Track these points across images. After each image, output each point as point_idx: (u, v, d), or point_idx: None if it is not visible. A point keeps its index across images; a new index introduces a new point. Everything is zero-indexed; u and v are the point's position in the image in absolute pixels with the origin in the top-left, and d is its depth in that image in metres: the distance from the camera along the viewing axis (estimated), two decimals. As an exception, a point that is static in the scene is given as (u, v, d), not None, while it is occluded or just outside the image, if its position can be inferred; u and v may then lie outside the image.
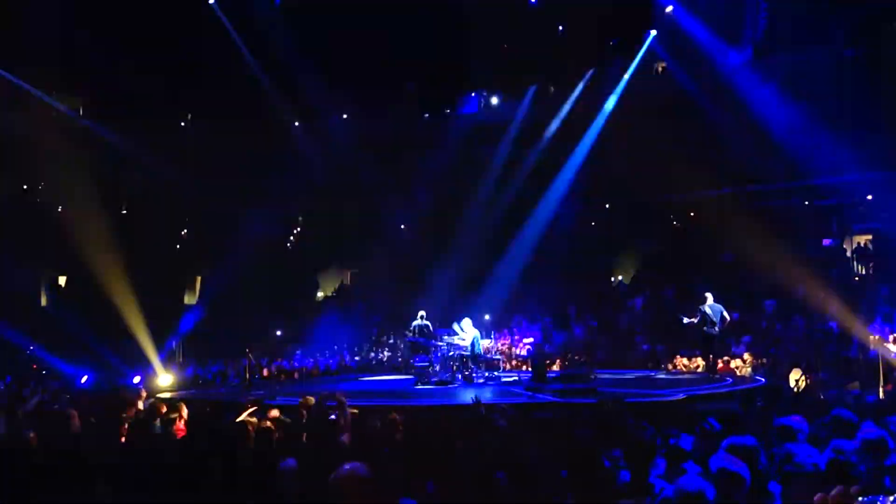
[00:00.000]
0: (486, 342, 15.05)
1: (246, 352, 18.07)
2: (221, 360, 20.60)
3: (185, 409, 8.61)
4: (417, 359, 15.22)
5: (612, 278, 25.28)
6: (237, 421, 7.69)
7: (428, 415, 9.93)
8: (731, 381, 13.93)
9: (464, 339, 14.62)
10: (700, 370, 15.91)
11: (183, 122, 28.21)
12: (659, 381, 14.67)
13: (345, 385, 15.11)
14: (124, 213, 27.26)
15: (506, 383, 14.36)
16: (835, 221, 22.05)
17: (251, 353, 18.45)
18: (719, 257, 21.89)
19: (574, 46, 23.16)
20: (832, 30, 20.47)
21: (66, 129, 24.98)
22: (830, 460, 4.32)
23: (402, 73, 25.21)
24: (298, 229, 29.08)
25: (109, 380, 18.12)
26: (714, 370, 14.86)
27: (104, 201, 25.72)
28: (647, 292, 22.23)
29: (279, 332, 23.71)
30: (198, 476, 5.43)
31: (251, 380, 17.48)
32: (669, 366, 17.64)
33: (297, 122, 26.98)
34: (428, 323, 15.52)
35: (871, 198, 21.21)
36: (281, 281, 25.97)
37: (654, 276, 23.08)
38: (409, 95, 26.88)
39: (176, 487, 5.32)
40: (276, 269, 26.11)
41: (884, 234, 20.64)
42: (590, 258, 24.08)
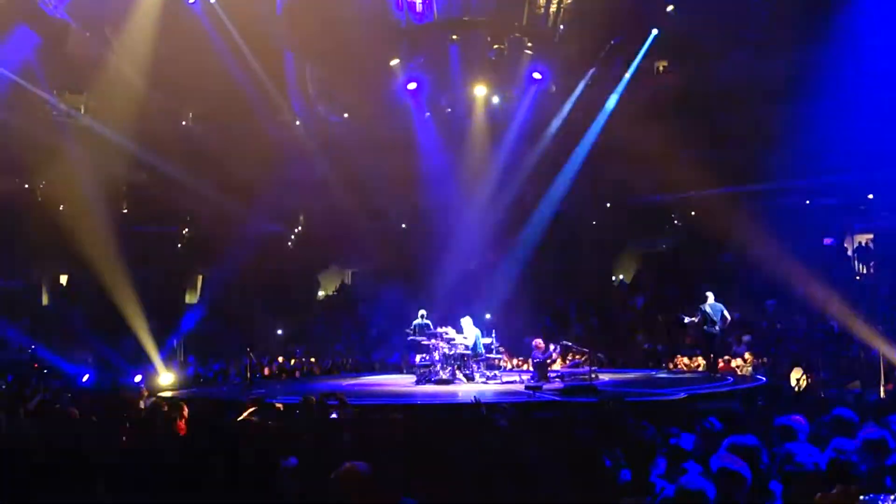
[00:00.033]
0: (486, 340, 15.04)
1: (247, 350, 18.08)
2: (222, 359, 20.60)
3: (186, 408, 8.61)
4: (418, 358, 15.21)
5: (613, 277, 25.29)
6: (238, 420, 7.70)
7: (429, 414, 9.94)
8: (731, 380, 13.93)
9: (466, 338, 14.61)
10: (701, 369, 15.91)
11: (185, 121, 28.20)
12: (660, 380, 14.68)
13: (346, 384, 15.13)
14: (125, 211, 27.24)
15: (507, 383, 14.37)
16: (836, 221, 22.04)
17: (252, 351, 18.46)
18: (720, 256, 21.88)
19: (575, 45, 23.12)
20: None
21: (68, 128, 25.01)
22: (831, 460, 4.32)
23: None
24: (299, 228, 29.06)
25: (111, 378, 18.11)
26: (715, 369, 14.86)
27: (106, 200, 25.74)
28: (648, 291, 22.23)
29: (280, 331, 23.70)
30: (199, 475, 5.43)
31: (252, 379, 17.48)
32: (670, 365, 17.64)
33: (297, 121, 26.96)
34: (429, 322, 15.52)
35: (872, 197, 21.21)
36: (282, 280, 25.96)
37: (655, 275, 23.08)
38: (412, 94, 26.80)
39: (177, 487, 5.32)
40: (277, 267, 26.08)
41: (885, 233, 20.64)
42: (591, 257, 24.06)
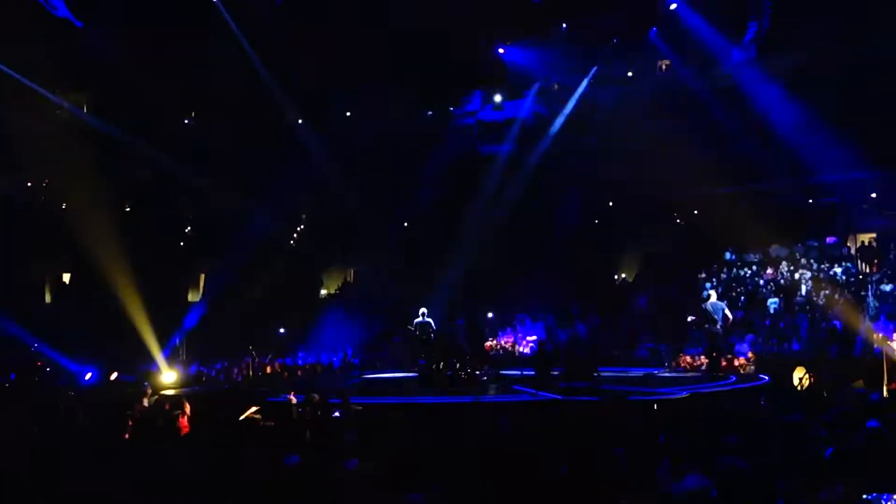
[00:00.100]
0: (488, 339, 15.05)
1: (249, 349, 18.10)
2: (225, 358, 20.61)
3: (188, 406, 8.64)
4: (421, 357, 15.20)
5: (616, 276, 25.26)
6: (241, 419, 7.72)
7: (431, 413, 9.95)
8: (734, 379, 13.93)
9: (468, 337, 14.62)
10: (704, 368, 15.90)
11: (187, 120, 28.21)
12: (662, 379, 14.67)
13: (348, 382, 15.15)
14: (128, 210, 27.27)
15: (509, 381, 14.37)
16: (839, 219, 22.01)
17: (254, 350, 18.49)
18: (723, 255, 21.86)
19: (577, 43, 23.11)
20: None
21: (70, 126, 25.03)
22: (833, 458, 4.33)
23: (407, 71, 25.16)
24: (302, 227, 29.06)
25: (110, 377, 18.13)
26: (717, 368, 14.85)
27: (108, 198, 25.77)
28: (651, 290, 22.22)
29: (282, 330, 23.70)
30: (202, 472, 5.45)
31: (255, 377, 17.50)
32: (673, 364, 17.63)
33: (300, 120, 26.99)
34: (430, 320, 15.52)
35: (874, 196, 21.17)
36: (284, 278, 25.97)
37: (658, 273, 23.06)
38: (412, 92, 26.80)
39: (179, 484, 5.34)
40: (280, 266, 26.09)
41: (887, 232, 20.61)
42: (593, 256, 24.05)
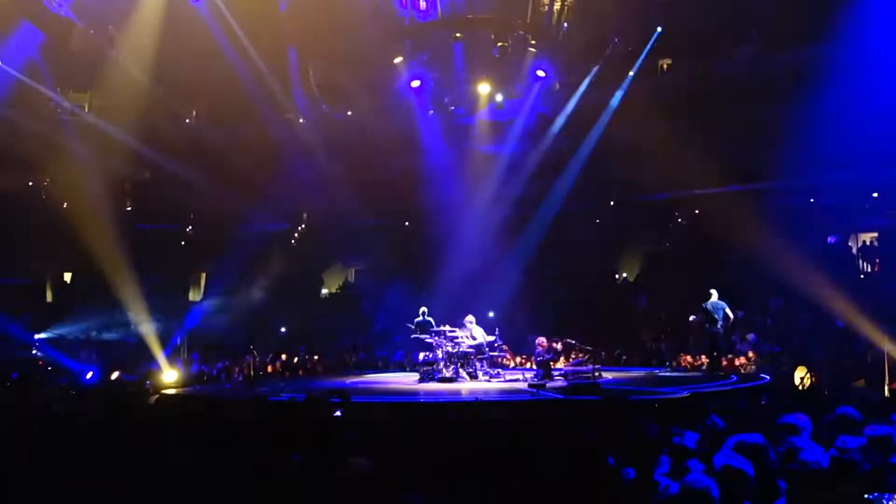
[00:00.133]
0: (489, 338, 15.01)
1: (250, 348, 18.09)
2: (226, 357, 20.62)
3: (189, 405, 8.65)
4: (422, 356, 15.19)
5: (617, 275, 25.25)
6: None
7: (432, 412, 9.94)
8: (735, 378, 13.91)
9: (476, 338, 14.59)
10: (704, 368, 15.89)
11: (188, 119, 28.21)
12: (663, 378, 14.66)
13: (349, 382, 15.15)
14: (129, 209, 27.28)
15: (510, 381, 14.36)
16: (840, 219, 21.97)
17: (255, 349, 18.50)
18: (724, 255, 21.83)
19: (579, 43, 23.06)
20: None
21: (72, 125, 25.03)
22: (834, 458, 4.32)
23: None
24: (303, 226, 29.07)
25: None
26: (718, 368, 14.83)
27: (110, 197, 25.74)
28: (652, 290, 22.20)
29: (283, 329, 23.72)
30: (202, 472, 5.44)
31: (256, 376, 17.51)
32: (674, 363, 17.62)
33: (301, 119, 26.96)
34: (430, 319, 15.51)
35: (876, 195, 21.14)
36: (285, 277, 25.98)
37: (659, 273, 23.04)
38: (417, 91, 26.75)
39: (179, 484, 5.33)
40: (281, 265, 26.10)
41: (889, 231, 20.58)
42: (594, 255, 24.04)
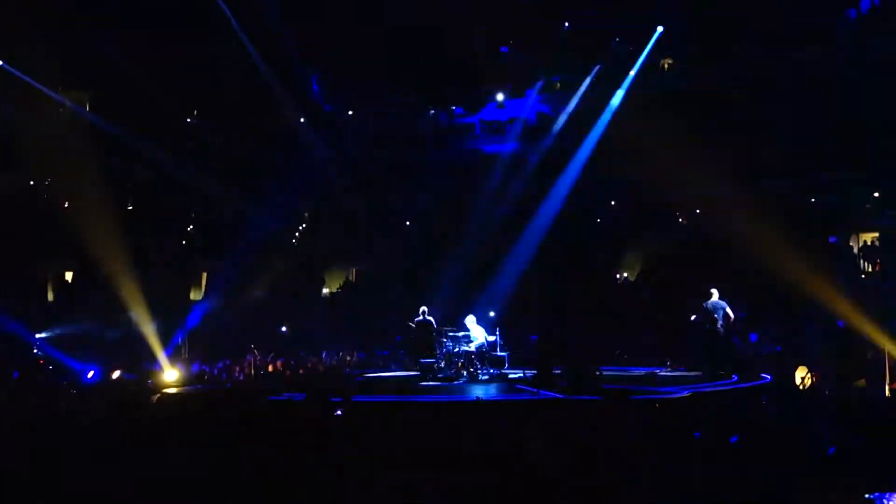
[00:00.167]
0: (490, 338, 15.01)
1: (251, 348, 18.08)
2: (227, 357, 20.62)
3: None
4: (422, 355, 15.17)
5: (618, 275, 25.23)
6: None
7: (432, 412, 9.95)
8: (736, 378, 13.90)
9: (476, 338, 14.59)
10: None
11: (189, 118, 28.22)
12: (664, 378, 14.66)
13: (350, 381, 15.15)
14: (130, 208, 27.28)
15: (511, 380, 14.35)
16: (841, 219, 21.95)
17: (257, 349, 18.50)
18: (725, 254, 21.81)
19: (580, 42, 23.09)
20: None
21: (73, 124, 25.03)
22: (836, 456, 4.32)
23: (410, 70, 25.17)
24: (304, 225, 29.07)
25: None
26: (717, 367, 14.79)
27: (111, 197, 25.76)
28: (653, 289, 22.19)
29: (284, 329, 23.71)
30: (202, 472, 5.44)
31: (257, 376, 17.52)
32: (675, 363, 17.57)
33: (302, 119, 26.98)
34: (431, 319, 15.50)
35: (878, 195, 21.12)
36: (286, 277, 25.98)
37: (660, 272, 23.03)
38: (415, 91, 26.80)
39: (179, 484, 5.34)
40: (282, 265, 26.10)
41: (891, 231, 20.56)
42: (595, 254, 24.02)
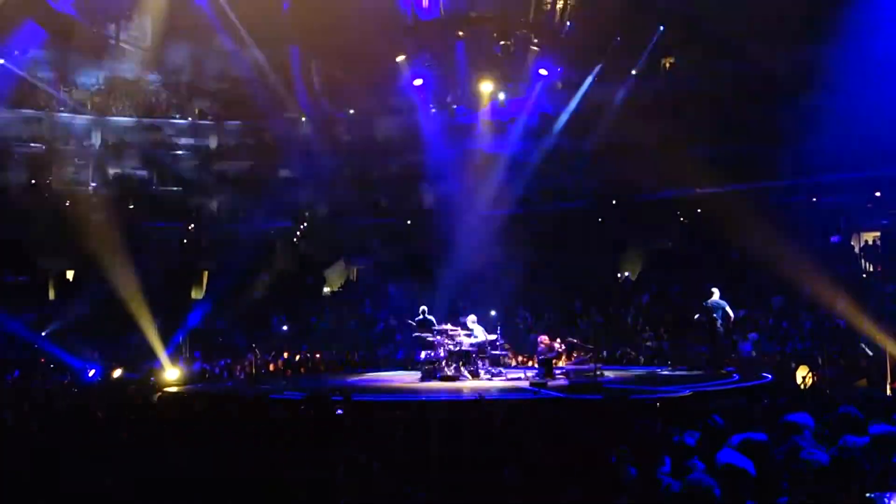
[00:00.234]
0: (491, 337, 15.01)
1: (252, 347, 18.09)
2: (228, 355, 20.64)
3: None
4: (423, 355, 15.17)
5: (619, 274, 25.23)
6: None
7: (433, 411, 9.94)
8: (737, 377, 13.90)
9: (477, 337, 14.59)
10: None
11: (191, 118, 28.28)
12: (665, 377, 14.65)
13: (351, 380, 15.16)
14: (131, 207, 27.33)
15: (511, 380, 14.35)
16: (843, 218, 21.94)
17: (257, 347, 18.51)
18: (726, 254, 21.82)
19: (582, 41, 23.07)
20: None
21: (75, 124, 25.10)
22: (837, 458, 4.31)
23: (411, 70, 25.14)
24: (305, 224, 29.11)
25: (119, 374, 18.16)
26: (720, 367, 14.81)
27: (112, 196, 25.81)
28: (654, 288, 22.19)
29: (285, 327, 23.75)
30: (202, 472, 5.45)
31: (257, 374, 17.53)
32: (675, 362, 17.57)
33: (303, 118, 27.02)
34: (431, 318, 15.49)
35: (879, 195, 21.11)
36: (287, 276, 26.01)
37: (661, 272, 23.03)
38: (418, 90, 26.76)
39: (179, 484, 5.34)
40: (282, 264, 26.13)
41: (892, 231, 20.55)
42: (596, 254, 24.02)
